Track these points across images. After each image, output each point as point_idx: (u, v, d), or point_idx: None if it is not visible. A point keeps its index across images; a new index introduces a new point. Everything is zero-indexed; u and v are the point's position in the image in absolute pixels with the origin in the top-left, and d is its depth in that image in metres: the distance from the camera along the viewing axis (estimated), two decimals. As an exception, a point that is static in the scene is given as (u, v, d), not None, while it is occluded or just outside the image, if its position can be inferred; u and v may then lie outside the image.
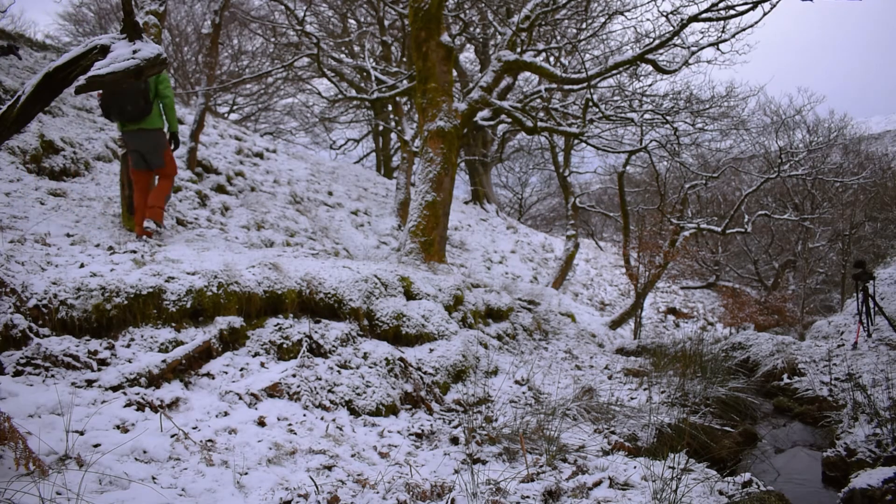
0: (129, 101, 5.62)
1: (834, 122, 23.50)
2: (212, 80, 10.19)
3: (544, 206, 34.71)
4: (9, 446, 2.24)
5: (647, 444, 4.04)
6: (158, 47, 2.49)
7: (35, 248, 4.04)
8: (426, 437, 3.76)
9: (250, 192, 11.31)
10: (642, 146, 12.44)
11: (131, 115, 5.67)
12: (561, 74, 8.81)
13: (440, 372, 4.79)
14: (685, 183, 15.83)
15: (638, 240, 13.81)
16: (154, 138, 5.85)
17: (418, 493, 2.79)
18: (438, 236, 7.99)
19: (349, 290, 4.91)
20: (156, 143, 5.87)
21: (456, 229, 17.22)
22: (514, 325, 7.48)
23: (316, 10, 19.85)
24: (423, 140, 8.21)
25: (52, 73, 2.31)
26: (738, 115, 16.24)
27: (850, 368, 6.65)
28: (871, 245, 21.76)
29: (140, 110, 5.70)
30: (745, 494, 3.05)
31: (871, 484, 3.34)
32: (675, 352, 7.24)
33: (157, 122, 5.88)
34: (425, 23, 8.15)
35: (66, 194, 7.35)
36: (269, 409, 3.41)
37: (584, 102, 11.21)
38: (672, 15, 8.77)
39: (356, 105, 22.65)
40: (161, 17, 6.92)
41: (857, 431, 4.40)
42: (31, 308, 3.30)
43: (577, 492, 2.89)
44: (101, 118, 10.12)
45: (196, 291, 3.93)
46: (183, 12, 22.66)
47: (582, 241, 22.50)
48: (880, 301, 9.33)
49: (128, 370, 3.24)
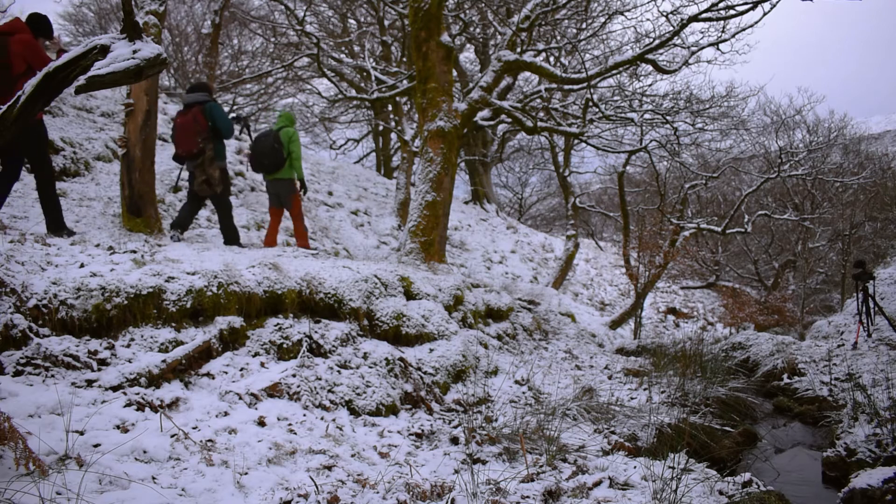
0: (267, 157, 7.01)
1: (834, 122, 23.51)
2: (212, 80, 10.19)
3: (544, 206, 34.69)
4: (9, 446, 2.24)
5: (647, 444, 4.04)
6: (158, 47, 2.49)
7: (35, 248, 4.04)
8: (426, 437, 3.76)
9: (250, 192, 11.31)
10: (642, 146, 12.45)
11: (268, 168, 7.08)
12: (561, 74, 8.82)
13: (440, 372, 4.79)
14: (685, 183, 15.83)
15: (638, 240, 13.81)
16: (286, 186, 7.18)
17: (418, 493, 2.79)
18: (438, 236, 7.99)
19: (349, 290, 4.91)
20: (287, 189, 7.20)
21: (456, 229, 17.22)
22: (514, 325, 7.48)
23: (316, 10, 19.84)
24: (423, 140, 8.21)
25: (52, 73, 2.31)
26: (738, 115, 16.24)
27: (850, 368, 6.65)
28: (871, 245, 21.76)
29: (276, 164, 7.05)
30: (745, 494, 3.05)
31: (871, 484, 3.34)
32: (675, 352, 7.24)
33: (289, 173, 7.16)
34: (425, 23, 8.15)
35: (66, 194, 7.35)
36: (269, 409, 3.41)
37: (584, 102, 11.22)
38: (672, 15, 8.77)
39: (356, 105, 22.65)
40: (161, 17, 6.92)
41: (857, 431, 4.40)
42: (31, 308, 3.30)
43: (577, 492, 2.89)
44: (100, 118, 10.12)
45: (196, 291, 3.93)
46: (183, 12, 22.64)
47: (582, 241, 22.49)
48: (880, 301, 9.33)
49: (128, 370, 3.24)
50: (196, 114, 6.06)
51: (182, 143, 6.13)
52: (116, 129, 9.78)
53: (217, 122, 6.09)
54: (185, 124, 6.08)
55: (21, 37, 4.81)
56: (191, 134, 6.05)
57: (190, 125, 6.04)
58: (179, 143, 6.16)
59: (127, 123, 6.84)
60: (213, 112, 6.09)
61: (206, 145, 6.06)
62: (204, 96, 6.19)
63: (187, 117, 6.10)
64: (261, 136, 7.18)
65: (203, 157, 6.08)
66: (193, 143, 6.04)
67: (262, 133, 7.27)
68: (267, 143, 7.03)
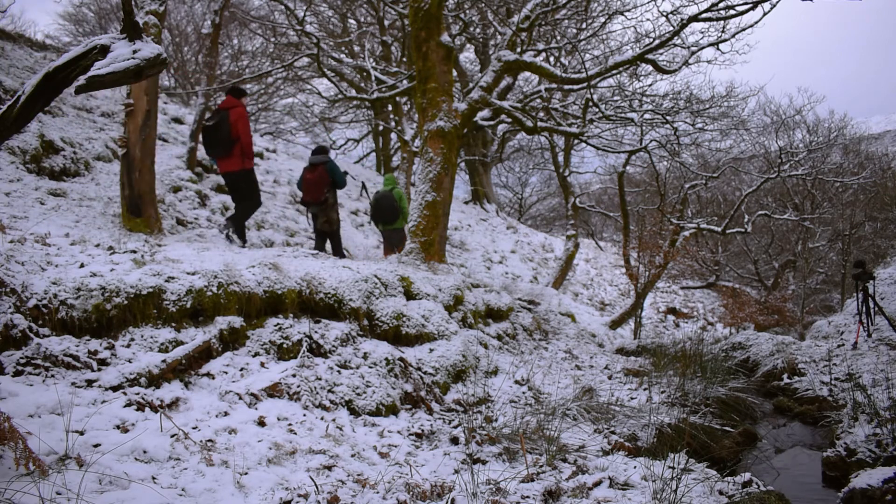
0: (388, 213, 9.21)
1: (834, 122, 23.48)
2: (212, 80, 10.19)
3: (544, 206, 34.68)
4: (9, 446, 2.24)
5: (647, 444, 4.04)
6: (158, 47, 2.48)
7: (35, 248, 4.04)
8: (426, 437, 3.76)
9: (250, 192, 11.30)
10: (642, 146, 12.43)
11: (388, 220, 9.31)
12: (561, 74, 8.81)
13: (440, 372, 4.79)
14: (685, 183, 15.82)
15: (638, 240, 13.80)
16: (399, 234, 9.28)
17: (418, 493, 2.79)
18: (438, 236, 7.98)
19: (349, 289, 4.91)
20: (400, 236, 9.20)
21: (456, 229, 17.22)
22: (514, 325, 7.48)
23: (316, 10, 19.83)
24: (423, 140, 8.21)
25: (52, 73, 2.31)
26: (738, 115, 16.22)
27: (850, 368, 6.65)
28: (871, 245, 21.76)
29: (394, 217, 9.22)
30: (745, 494, 3.05)
31: (871, 484, 3.34)
32: (675, 352, 7.24)
33: (402, 224, 9.21)
34: (425, 23, 8.15)
35: (66, 194, 7.35)
36: (269, 409, 3.41)
37: (584, 102, 11.21)
38: (672, 15, 8.75)
39: (356, 105, 22.63)
40: (161, 17, 6.92)
41: (857, 431, 4.40)
42: (31, 308, 3.30)
43: (577, 492, 2.89)
44: (100, 118, 10.12)
45: (196, 291, 3.93)
46: (183, 12, 22.65)
47: (582, 241, 22.48)
48: (880, 301, 9.32)
49: (128, 370, 3.24)
50: (322, 172, 7.54)
51: (311, 193, 7.59)
52: (116, 129, 9.78)
53: (335, 177, 7.57)
54: (314, 179, 7.54)
55: (238, 110, 6.84)
56: (319, 187, 7.51)
57: (318, 180, 7.51)
58: (308, 192, 7.61)
59: (127, 123, 6.85)
60: (333, 170, 7.60)
61: (329, 195, 7.58)
62: (326, 157, 7.72)
63: (315, 174, 7.56)
64: (381, 197, 9.25)
65: (326, 203, 7.58)
66: (321, 194, 7.53)
67: (382, 195, 9.28)
68: (388, 202, 9.17)
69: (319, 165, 7.58)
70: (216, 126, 6.78)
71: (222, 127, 6.75)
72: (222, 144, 6.77)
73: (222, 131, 6.73)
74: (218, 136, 6.77)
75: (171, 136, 11.43)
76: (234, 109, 6.84)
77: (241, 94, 7.16)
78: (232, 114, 6.77)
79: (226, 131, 6.71)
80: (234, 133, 6.75)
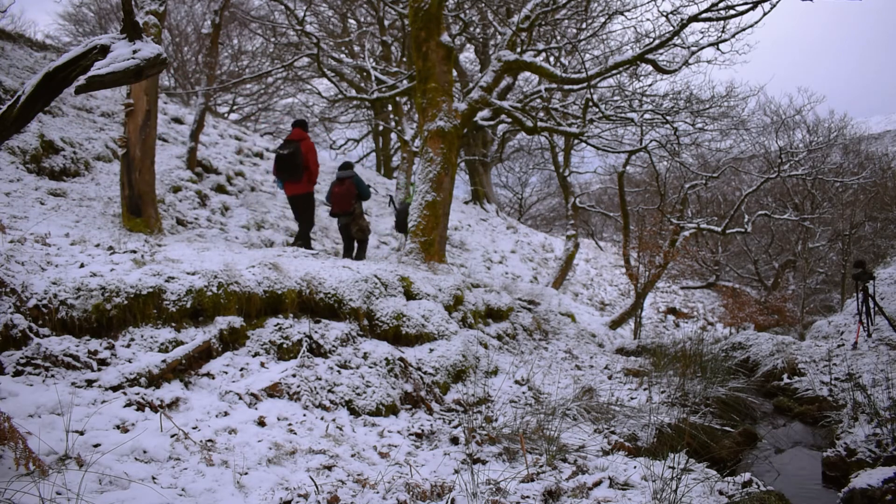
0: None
1: (834, 121, 23.49)
2: (212, 80, 10.19)
3: (544, 206, 34.67)
4: (9, 446, 2.24)
5: (647, 444, 4.04)
6: (158, 47, 2.48)
7: (35, 248, 4.04)
8: (426, 437, 3.76)
9: (250, 192, 11.32)
10: (642, 146, 12.43)
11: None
12: (561, 74, 8.80)
13: (440, 372, 4.79)
14: (685, 183, 15.81)
15: (638, 240, 13.79)
16: None
17: (418, 493, 2.79)
18: (438, 236, 7.99)
19: (349, 290, 4.91)
20: None
21: (456, 229, 17.21)
22: (514, 325, 7.48)
23: (316, 10, 19.82)
24: (423, 140, 8.21)
25: (52, 73, 2.31)
26: (738, 115, 16.20)
27: (850, 368, 6.64)
28: (871, 245, 21.75)
29: None
30: (745, 494, 3.05)
31: (871, 484, 3.34)
32: (675, 352, 7.23)
33: None
34: (425, 23, 8.15)
35: (66, 194, 7.35)
36: (269, 409, 3.41)
37: (584, 102, 11.21)
38: (672, 15, 8.75)
39: (356, 105, 22.63)
40: (161, 17, 6.92)
41: (857, 431, 4.40)
42: (31, 308, 3.30)
43: (577, 492, 2.89)
44: (100, 118, 10.12)
45: (196, 291, 3.92)
46: (183, 12, 22.65)
47: (582, 241, 22.47)
48: (880, 301, 9.32)
49: (128, 370, 3.24)
50: (349, 185, 8.12)
51: (340, 205, 8.14)
52: (116, 129, 9.78)
53: (361, 190, 8.18)
54: (342, 192, 8.12)
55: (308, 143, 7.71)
56: (347, 199, 8.09)
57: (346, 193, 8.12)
58: (337, 204, 8.16)
59: (127, 123, 6.85)
60: (359, 183, 8.19)
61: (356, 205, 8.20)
62: (352, 172, 8.32)
63: (343, 187, 8.13)
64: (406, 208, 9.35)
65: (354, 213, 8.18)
66: (349, 205, 8.12)
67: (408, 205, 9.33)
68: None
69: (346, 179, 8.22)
70: (291, 155, 7.56)
71: (296, 156, 7.57)
72: (294, 171, 7.59)
73: (296, 160, 7.56)
74: (292, 164, 7.58)
75: (171, 136, 11.43)
76: (304, 142, 7.71)
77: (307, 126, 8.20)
78: (303, 146, 7.64)
79: (299, 160, 7.56)
80: (305, 162, 7.63)
